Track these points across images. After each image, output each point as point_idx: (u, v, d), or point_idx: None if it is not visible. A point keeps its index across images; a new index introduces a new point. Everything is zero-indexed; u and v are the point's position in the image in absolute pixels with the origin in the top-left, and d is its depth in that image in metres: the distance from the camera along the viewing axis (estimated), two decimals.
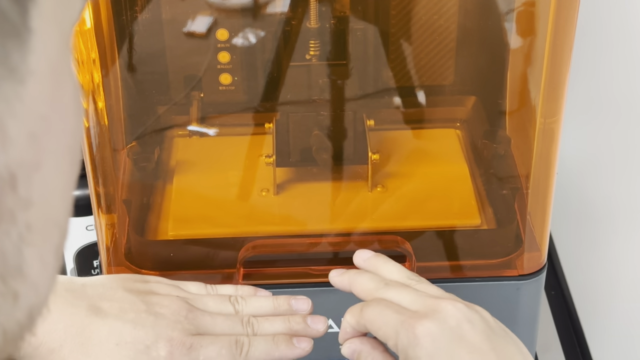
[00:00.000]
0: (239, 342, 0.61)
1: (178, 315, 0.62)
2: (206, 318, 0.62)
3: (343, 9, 0.80)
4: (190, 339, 0.60)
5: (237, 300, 0.65)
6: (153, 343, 0.59)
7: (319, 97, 0.81)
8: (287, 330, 0.64)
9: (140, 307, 0.61)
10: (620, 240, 0.94)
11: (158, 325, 0.60)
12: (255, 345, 0.62)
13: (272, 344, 0.62)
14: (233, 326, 0.63)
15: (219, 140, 0.85)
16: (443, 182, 0.80)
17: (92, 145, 0.70)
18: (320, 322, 0.65)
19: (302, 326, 0.64)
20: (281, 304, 0.66)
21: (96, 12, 0.67)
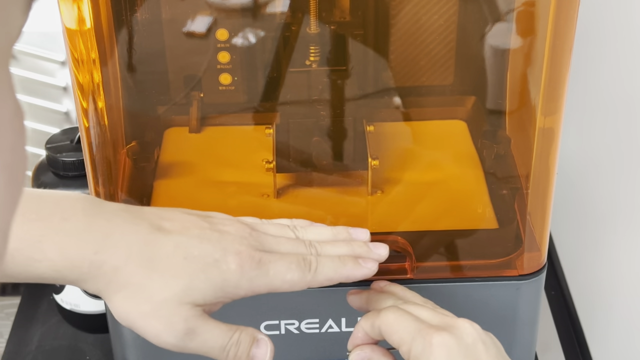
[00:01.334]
0: (306, 260, 0.60)
1: (242, 232, 0.60)
2: (269, 238, 0.62)
3: (343, 15, 0.80)
4: (259, 254, 0.59)
5: (296, 228, 0.64)
6: (222, 256, 0.58)
7: (319, 103, 0.81)
8: (350, 253, 0.63)
9: (203, 224, 0.60)
10: (620, 240, 0.94)
11: (224, 240, 0.59)
12: (323, 263, 0.61)
13: (340, 263, 0.61)
14: (297, 246, 0.62)
15: (219, 140, 0.85)
16: (447, 185, 0.80)
17: (92, 145, 0.70)
18: (382, 247, 0.64)
19: (365, 249, 0.64)
20: (340, 231, 0.65)
21: (96, 12, 0.67)
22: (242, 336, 0.58)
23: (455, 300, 0.73)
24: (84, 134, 0.70)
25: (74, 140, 0.85)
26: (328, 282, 0.61)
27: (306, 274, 0.60)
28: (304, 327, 0.74)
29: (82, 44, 0.66)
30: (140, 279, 0.57)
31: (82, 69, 0.67)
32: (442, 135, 0.86)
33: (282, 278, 0.59)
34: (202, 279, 0.57)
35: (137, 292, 0.57)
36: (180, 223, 0.60)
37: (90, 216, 0.58)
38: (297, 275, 0.60)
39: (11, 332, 0.93)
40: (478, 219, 0.77)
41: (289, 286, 0.60)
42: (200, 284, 0.57)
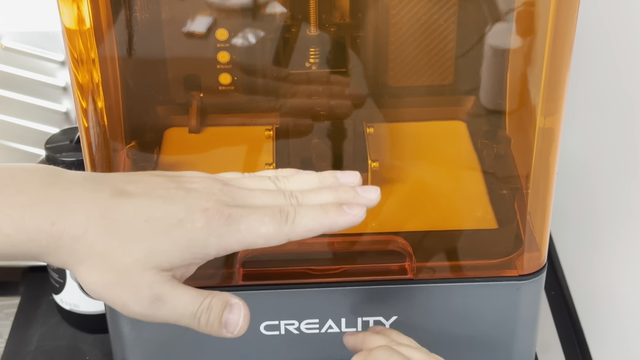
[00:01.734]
0: (283, 211, 0.56)
1: (212, 188, 0.57)
2: (244, 191, 0.58)
3: (343, 17, 0.80)
4: (229, 209, 0.55)
5: (277, 179, 0.60)
6: (187, 215, 0.55)
7: (318, 105, 0.81)
8: (336, 200, 0.58)
9: (169, 184, 0.57)
10: (620, 240, 0.94)
11: (190, 197, 0.56)
12: (302, 213, 0.56)
13: (321, 211, 0.57)
14: (275, 198, 0.58)
15: (219, 140, 0.85)
16: (447, 186, 0.80)
17: (92, 145, 0.70)
18: (372, 190, 0.59)
19: (352, 194, 0.59)
20: (326, 177, 0.61)
21: (96, 12, 0.66)
22: (213, 301, 0.55)
23: (455, 300, 0.73)
24: (84, 134, 0.70)
25: (73, 140, 0.85)
26: (310, 233, 0.57)
27: (282, 226, 0.56)
28: (304, 327, 0.74)
29: (82, 44, 0.66)
30: (102, 247, 0.54)
31: (81, 68, 0.67)
32: (442, 136, 0.86)
33: (256, 232, 0.55)
34: (165, 241, 0.54)
35: (101, 261, 0.54)
36: (144, 185, 0.57)
37: (47, 186, 0.55)
38: (272, 228, 0.56)
39: (11, 332, 0.93)
40: (478, 219, 0.77)
41: (265, 240, 0.56)
42: (163, 246, 0.54)
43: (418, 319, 0.73)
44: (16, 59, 0.89)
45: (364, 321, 0.74)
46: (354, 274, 0.74)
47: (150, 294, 0.54)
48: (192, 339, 0.74)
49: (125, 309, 0.55)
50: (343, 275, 0.74)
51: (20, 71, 0.90)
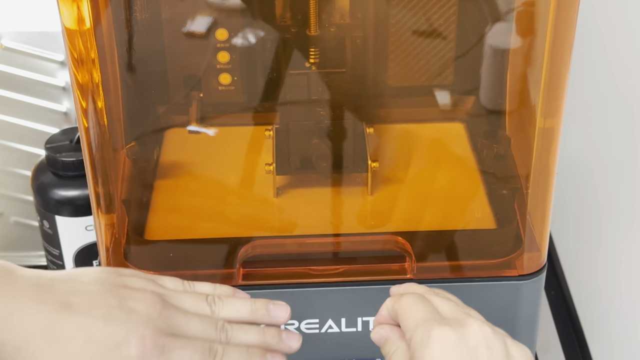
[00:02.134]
0: (212, 349, 0.59)
1: (152, 312, 0.59)
2: (180, 317, 0.60)
3: (343, 17, 0.80)
4: (164, 339, 0.58)
5: (214, 301, 0.63)
6: (124, 341, 0.57)
7: (318, 105, 0.81)
8: (261, 343, 0.62)
9: (111, 301, 0.58)
10: (620, 240, 0.94)
11: (130, 321, 0.58)
12: (228, 355, 0.60)
13: (246, 355, 0.60)
14: (207, 330, 0.61)
15: (219, 140, 0.85)
16: (446, 186, 0.81)
17: (92, 145, 0.70)
18: (294, 339, 0.63)
19: (276, 340, 0.62)
20: (259, 308, 0.63)
21: (96, 12, 0.66)
22: None
23: None
24: (84, 134, 0.70)
25: (73, 140, 0.85)
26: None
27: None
28: (304, 327, 0.74)
29: (82, 44, 0.66)
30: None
31: (81, 68, 0.67)
32: (441, 137, 0.86)
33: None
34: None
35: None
36: (89, 298, 0.58)
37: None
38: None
39: None
40: (478, 219, 0.77)
41: None
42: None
43: None
44: (16, 59, 0.89)
45: (364, 321, 0.74)
46: (354, 274, 0.74)
47: None
48: None
49: None
50: (343, 275, 0.74)
51: (20, 71, 0.90)
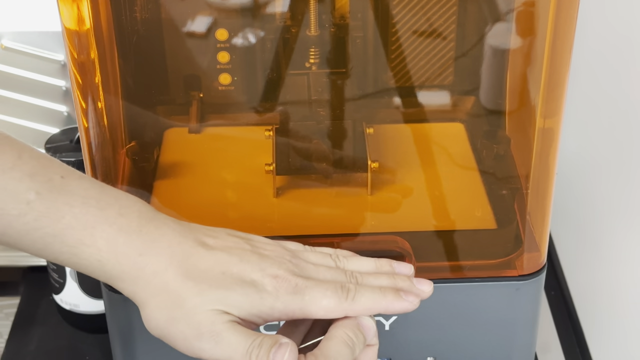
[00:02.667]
0: (344, 287, 0.60)
1: (282, 258, 0.61)
2: (309, 266, 0.62)
3: (343, 17, 0.80)
4: (296, 279, 0.60)
5: (338, 258, 0.64)
6: (259, 277, 0.59)
7: (318, 105, 0.81)
8: (392, 285, 0.62)
9: (244, 246, 0.62)
10: (620, 240, 0.94)
11: (263, 262, 0.60)
12: (361, 292, 0.60)
13: (380, 293, 0.61)
14: (336, 275, 0.62)
15: (219, 140, 0.85)
16: (446, 186, 0.80)
17: (92, 145, 0.70)
18: (425, 283, 0.63)
19: (408, 284, 0.63)
20: (383, 264, 0.65)
21: (96, 12, 0.66)
22: (265, 339, 0.58)
23: (455, 300, 0.73)
24: (84, 134, 0.70)
25: (73, 140, 0.85)
26: (366, 312, 0.61)
27: (342, 301, 0.60)
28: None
29: (82, 44, 0.66)
30: (176, 287, 0.59)
31: (81, 69, 0.67)
32: (441, 137, 0.86)
33: (318, 304, 0.59)
34: (238, 292, 0.59)
35: (171, 299, 0.58)
36: (223, 242, 0.62)
37: (144, 219, 0.60)
38: (333, 302, 0.60)
39: (11, 332, 0.93)
40: (478, 219, 0.77)
41: (324, 312, 0.60)
42: (236, 296, 0.58)
43: (418, 319, 0.73)
44: (16, 59, 0.89)
45: None
46: None
47: (211, 330, 0.58)
48: None
49: (185, 343, 0.59)
50: None
51: (20, 71, 0.90)
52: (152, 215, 0.61)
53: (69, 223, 0.58)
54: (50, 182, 0.59)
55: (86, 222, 0.58)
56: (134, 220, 0.60)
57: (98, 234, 0.59)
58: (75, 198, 0.59)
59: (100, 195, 0.60)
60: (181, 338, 0.59)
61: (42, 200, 0.58)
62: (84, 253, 0.59)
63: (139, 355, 0.75)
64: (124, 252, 0.59)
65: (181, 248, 0.60)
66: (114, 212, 0.59)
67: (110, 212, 0.59)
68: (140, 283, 0.59)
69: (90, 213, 0.59)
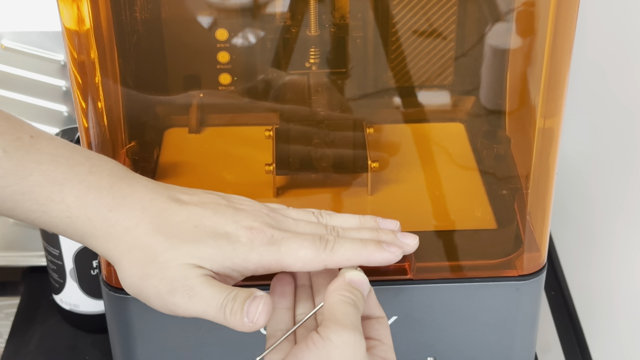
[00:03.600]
0: (323, 238, 0.59)
1: (259, 212, 0.61)
2: (288, 220, 0.61)
3: (343, 17, 0.80)
4: (272, 230, 0.59)
5: (320, 214, 0.64)
6: (234, 230, 0.58)
7: (318, 105, 0.81)
8: (375, 238, 0.61)
9: (220, 201, 0.61)
10: (620, 240, 0.94)
11: (238, 215, 0.60)
12: (341, 243, 0.59)
13: (360, 244, 0.60)
14: (316, 229, 0.61)
15: (219, 140, 0.85)
16: (446, 186, 0.80)
17: (92, 145, 0.70)
18: (410, 237, 0.63)
19: (392, 237, 0.62)
20: (367, 220, 0.64)
21: (95, 12, 0.66)
22: (239, 292, 0.57)
23: (455, 300, 0.73)
24: (84, 134, 0.70)
25: (73, 140, 0.85)
26: (347, 262, 0.59)
27: (320, 251, 0.59)
28: None
29: (82, 44, 0.66)
30: (148, 242, 0.58)
31: (81, 68, 0.67)
32: (441, 137, 0.86)
33: (295, 254, 0.58)
34: (210, 245, 0.57)
35: (144, 254, 0.57)
36: (198, 197, 0.61)
37: (115, 177, 0.59)
38: (311, 253, 0.58)
39: (11, 332, 0.93)
40: (478, 219, 0.77)
41: (302, 264, 0.59)
42: (208, 249, 0.57)
43: (418, 319, 0.73)
44: (16, 59, 0.89)
45: None
46: None
47: (184, 284, 0.57)
48: (193, 338, 0.74)
49: (159, 299, 0.57)
50: None
51: (20, 71, 0.90)
52: (124, 173, 0.60)
53: (37, 180, 0.57)
54: (18, 140, 0.58)
55: (55, 179, 0.58)
56: (105, 177, 0.59)
57: (67, 191, 0.58)
58: (44, 156, 0.58)
59: (71, 154, 0.59)
60: (154, 294, 0.57)
61: (9, 158, 0.57)
62: (54, 210, 0.58)
63: (139, 355, 0.75)
64: (94, 208, 0.58)
65: (153, 204, 0.59)
66: (84, 170, 0.59)
67: (81, 169, 0.59)
68: (112, 240, 0.58)
69: (59, 170, 0.58)
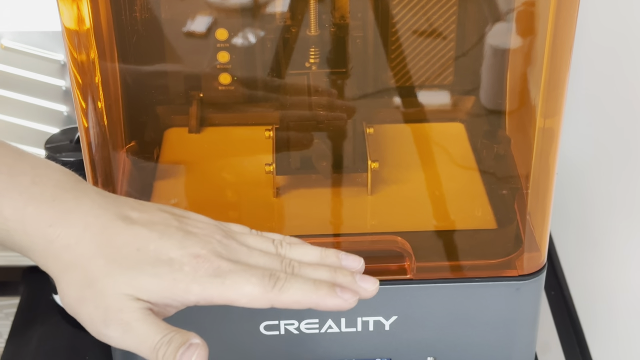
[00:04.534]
0: (273, 275, 0.55)
1: (211, 238, 0.57)
2: (242, 249, 0.57)
3: (343, 17, 0.80)
4: (219, 261, 0.55)
5: (280, 244, 0.59)
6: (178, 256, 0.55)
7: (318, 105, 0.81)
8: (331, 280, 0.56)
9: (171, 222, 0.57)
10: (620, 240, 0.94)
11: (187, 240, 0.56)
12: (291, 282, 0.55)
13: (312, 286, 0.55)
14: (270, 262, 0.57)
15: (219, 140, 0.85)
16: (446, 186, 0.81)
17: (92, 145, 0.70)
18: (369, 281, 0.57)
19: (349, 280, 0.57)
20: (329, 255, 0.59)
21: (95, 12, 0.66)
22: (175, 336, 0.54)
23: (455, 300, 0.73)
24: (83, 134, 0.70)
25: (73, 140, 0.85)
26: (295, 305, 0.55)
27: (268, 290, 0.55)
28: (304, 327, 0.74)
29: (82, 44, 0.66)
30: (87, 263, 0.54)
31: (81, 68, 0.67)
32: (441, 137, 0.86)
33: (240, 290, 0.54)
34: (149, 273, 0.54)
35: (81, 276, 0.54)
36: (149, 216, 0.57)
37: (60, 189, 0.56)
38: (257, 290, 0.54)
39: (11, 332, 0.93)
40: (478, 219, 0.77)
41: (247, 300, 0.55)
42: (146, 278, 0.54)
43: (418, 319, 0.73)
44: (16, 59, 0.89)
45: (364, 321, 0.74)
46: None
47: (119, 318, 0.54)
48: None
49: (92, 327, 0.55)
50: None
51: (20, 71, 0.90)
52: (71, 185, 0.56)
53: None
54: None
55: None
56: (49, 189, 0.55)
57: (5, 202, 0.54)
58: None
59: (15, 162, 0.56)
60: (89, 320, 0.55)
61: None
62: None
63: (139, 356, 0.75)
64: (32, 222, 0.55)
65: (97, 221, 0.55)
66: (26, 180, 0.55)
67: (23, 179, 0.55)
68: (50, 257, 0.55)
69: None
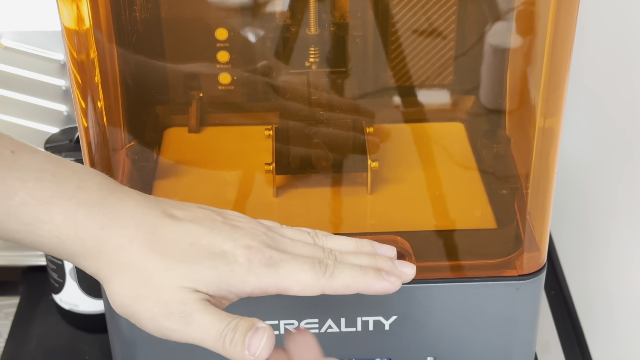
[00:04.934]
0: (323, 263, 0.57)
1: (257, 230, 0.58)
2: (286, 240, 0.59)
3: (343, 16, 0.80)
4: (270, 251, 0.56)
5: (317, 235, 0.61)
6: (231, 249, 0.56)
7: (318, 105, 0.81)
8: (374, 266, 0.59)
9: (216, 218, 0.58)
10: (620, 240, 0.94)
11: (236, 233, 0.57)
12: (340, 269, 0.57)
13: (360, 271, 0.57)
14: (314, 251, 0.59)
15: (219, 140, 0.85)
16: (446, 186, 0.81)
17: (92, 145, 0.70)
18: (408, 266, 0.60)
19: (389, 265, 0.59)
20: (364, 244, 0.61)
21: (95, 12, 0.66)
22: (240, 322, 0.54)
23: (455, 300, 0.73)
24: (83, 134, 0.70)
25: (73, 140, 0.85)
26: (346, 290, 0.57)
27: (320, 277, 0.56)
28: (304, 327, 0.74)
29: (82, 44, 0.66)
30: (143, 262, 0.55)
31: (81, 69, 0.67)
32: (441, 137, 0.86)
33: (293, 278, 0.56)
34: (207, 266, 0.55)
35: (137, 275, 0.55)
36: (193, 214, 0.58)
37: (105, 191, 0.57)
38: (310, 277, 0.56)
39: (10, 332, 0.93)
40: (478, 219, 0.77)
41: (300, 288, 0.56)
42: (204, 271, 0.55)
43: (418, 319, 0.73)
44: (16, 59, 0.89)
45: (364, 321, 0.74)
46: None
47: (182, 310, 0.54)
48: None
49: (153, 323, 0.55)
50: None
51: (20, 71, 0.90)
52: (114, 187, 0.57)
53: (23, 200, 0.54)
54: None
55: (42, 198, 0.55)
56: (94, 193, 0.56)
57: (55, 209, 0.55)
58: (28, 173, 0.55)
59: (57, 169, 0.56)
60: (149, 317, 0.55)
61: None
62: (42, 230, 0.55)
63: (139, 355, 0.75)
64: (85, 227, 0.55)
65: (147, 220, 0.56)
66: (72, 186, 0.56)
67: (68, 185, 0.55)
68: (103, 259, 0.55)
69: (46, 188, 0.55)
